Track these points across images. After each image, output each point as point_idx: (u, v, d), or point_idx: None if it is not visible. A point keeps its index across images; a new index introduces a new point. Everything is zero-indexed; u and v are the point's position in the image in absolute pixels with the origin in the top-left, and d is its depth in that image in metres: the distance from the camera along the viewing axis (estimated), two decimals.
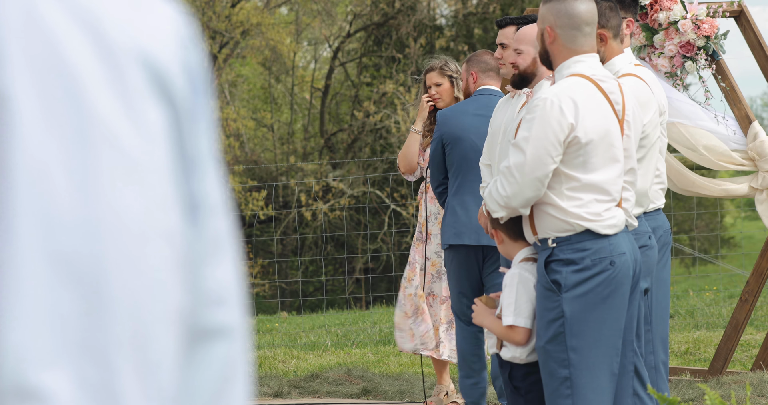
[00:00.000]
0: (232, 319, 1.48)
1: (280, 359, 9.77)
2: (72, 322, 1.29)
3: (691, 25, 7.56)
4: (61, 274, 1.29)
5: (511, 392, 5.05)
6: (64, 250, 1.29)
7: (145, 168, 1.35)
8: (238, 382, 1.49)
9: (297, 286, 17.53)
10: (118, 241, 1.32)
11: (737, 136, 7.75)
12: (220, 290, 1.48)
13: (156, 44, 1.39)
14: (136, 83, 1.36)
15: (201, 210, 1.46)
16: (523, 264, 5.00)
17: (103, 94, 1.33)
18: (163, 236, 1.37)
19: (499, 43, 6.51)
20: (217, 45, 26.39)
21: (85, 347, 1.30)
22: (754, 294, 8.02)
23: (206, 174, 1.46)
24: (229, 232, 1.50)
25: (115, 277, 1.32)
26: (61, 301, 1.29)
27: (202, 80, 1.47)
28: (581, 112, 4.83)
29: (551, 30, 4.95)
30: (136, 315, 1.33)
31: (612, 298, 4.87)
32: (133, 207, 1.33)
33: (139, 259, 1.34)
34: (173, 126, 1.40)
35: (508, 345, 4.99)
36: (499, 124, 6.45)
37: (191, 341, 1.45)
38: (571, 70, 4.93)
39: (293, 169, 26.47)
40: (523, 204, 4.83)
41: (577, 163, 4.85)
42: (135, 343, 1.33)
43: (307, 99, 29.19)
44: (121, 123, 1.34)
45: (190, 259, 1.44)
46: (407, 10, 25.95)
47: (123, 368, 1.32)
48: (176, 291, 1.38)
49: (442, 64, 7.66)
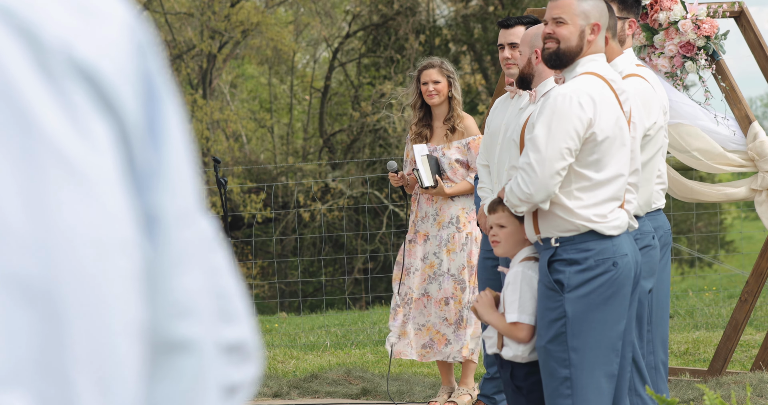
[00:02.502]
0: (197, 331, 1.44)
1: (279, 359, 9.76)
2: (28, 342, 1.27)
3: (691, 25, 7.56)
4: (13, 296, 1.26)
5: (512, 392, 5.05)
6: (16, 271, 1.26)
7: (94, 182, 1.32)
8: (207, 399, 1.45)
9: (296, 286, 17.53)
10: (70, 257, 1.30)
11: (737, 136, 7.75)
12: (184, 302, 1.44)
13: (100, 54, 1.34)
14: (78, 96, 1.32)
15: (161, 221, 1.41)
16: (525, 263, 5.00)
17: (46, 108, 1.29)
18: (118, 249, 1.34)
19: (509, 43, 6.51)
20: (216, 45, 26.38)
21: (43, 367, 1.27)
22: (754, 294, 8.02)
23: (168, 184, 1.42)
24: (201, 242, 1.46)
25: (70, 295, 1.29)
26: (16, 322, 1.26)
27: (161, 87, 1.42)
28: (598, 109, 4.84)
29: (598, 27, 4.96)
30: (93, 331, 1.31)
31: (614, 299, 4.87)
32: (84, 222, 1.30)
33: (93, 275, 1.31)
34: (120, 138, 1.36)
35: (510, 344, 4.99)
36: (498, 124, 6.44)
37: (154, 355, 1.42)
38: (585, 69, 4.94)
39: (292, 169, 26.47)
40: (545, 198, 4.83)
41: (591, 160, 4.85)
42: (94, 359, 1.31)
43: (306, 99, 29.19)
44: (67, 136, 1.30)
45: (151, 272, 1.41)
46: (406, 11, 25.95)
47: (83, 385, 1.30)
48: (135, 304, 1.35)
49: (441, 64, 7.79)
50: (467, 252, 7.63)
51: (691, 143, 7.69)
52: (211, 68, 26.94)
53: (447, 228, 7.65)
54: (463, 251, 7.63)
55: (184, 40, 26.73)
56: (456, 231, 7.64)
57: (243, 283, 1.52)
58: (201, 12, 25.87)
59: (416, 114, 7.82)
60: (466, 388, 7.78)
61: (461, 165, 7.62)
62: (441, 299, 7.65)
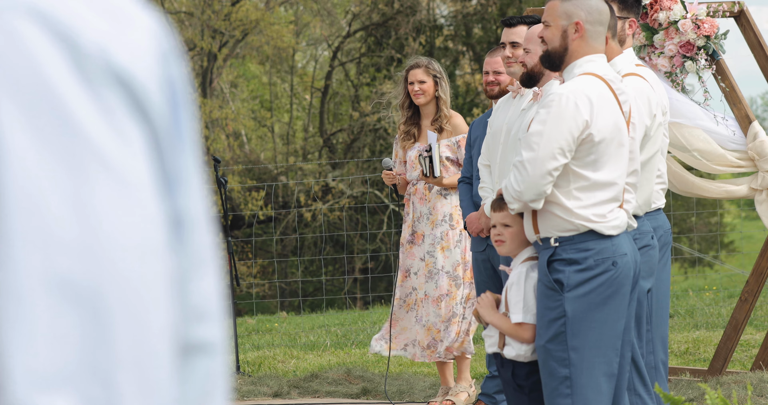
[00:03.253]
0: (213, 334, 1.49)
1: (279, 359, 9.76)
2: (74, 343, 1.29)
3: (691, 24, 7.56)
4: (60, 297, 1.28)
5: (513, 391, 5.04)
6: (62, 272, 1.29)
7: (134, 185, 1.34)
8: (217, 396, 1.49)
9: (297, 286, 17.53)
10: (114, 259, 1.32)
11: (737, 136, 7.75)
12: (202, 306, 1.48)
13: (133, 60, 1.37)
14: (115, 101, 1.34)
15: (185, 225, 1.45)
16: (528, 263, 5.00)
17: (87, 113, 1.32)
18: (155, 252, 1.36)
19: (510, 42, 6.52)
20: (216, 44, 26.38)
21: (88, 368, 1.29)
22: (754, 294, 8.02)
23: (189, 189, 1.45)
24: (212, 247, 1.50)
25: (113, 297, 1.31)
26: (63, 324, 1.28)
27: (183, 94, 1.45)
28: (596, 110, 4.83)
29: (581, 25, 4.95)
30: (136, 333, 1.33)
31: (613, 298, 4.87)
32: (126, 225, 1.33)
33: (135, 277, 1.33)
34: (152, 143, 1.39)
35: (512, 344, 4.98)
36: (500, 124, 6.44)
37: (178, 357, 1.45)
38: (583, 69, 4.93)
39: (292, 169, 26.47)
40: (534, 198, 4.83)
41: (588, 161, 4.85)
42: (136, 361, 1.33)
43: (306, 99, 29.18)
44: (108, 140, 1.32)
45: (177, 275, 1.44)
46: (406, 10, 25.95)
47: (126, 388, 1.32)
48: (169, 307, 1.38)
49: (428, 63, 7.88)
50: (461, 248, 7.66)
51: (692, 143, 7.69)
52: (211, 67, 26.94)
53: (440, 226, 7.68)
54: (457, 248, 7.66)
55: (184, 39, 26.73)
56: (449, 228, 7.67)
57: (226, 285, 1.54)
58: (201, 11, 25.87)
59: (404, 113, 7.89)
60: (463, 385, 7.78)
61: (451, 163, 7.64)
62: (438, 297, 7.67)
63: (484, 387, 7.31)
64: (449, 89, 7.89)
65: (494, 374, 7.21)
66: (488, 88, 7.17)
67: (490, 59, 7.16)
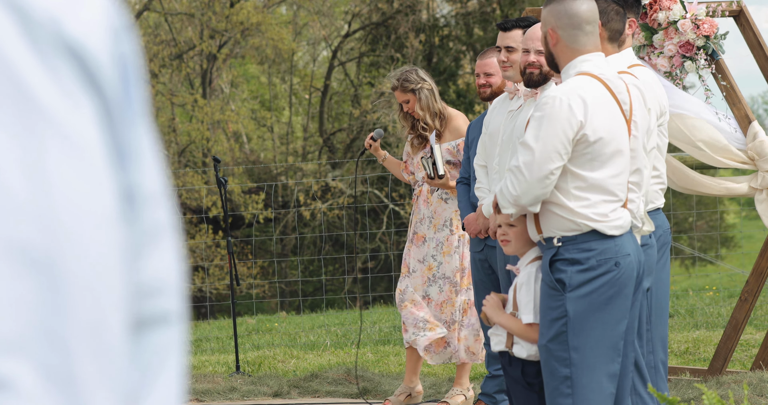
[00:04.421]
0: (169, 305, 1.48)
1: (279, 359, 9.76)
2: (30, 309, 1.28)
3: (690, 24, 7.56)
4: (16, 263, 1.28)
5: (523, 389, 5.03)
6: (18, 237, 1.28)
7: (88, 154, 1.34)
8: (172, 365, 1.49)
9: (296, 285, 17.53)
10: (70, 226, 1.31)
11: (738, 133, 7.74)
12: (157, 282, 1.47)
13: (85, 32, 1.37)
14: (66, 70, 1.34)
15: (137, 200, 1.45)
16: (537, 263, 5.00)
17: (39, 79, 1.32)
18: (109, 221, 1.36)
19: (505, 46, 6.47)
20: (216, 44, 26.37)
21: (44, 334, 1.29)
22: (754, 293, 8.02)
23: (142, 164, 1.45)
24: (168, 223, 1.49)
25: (69, 263, 1.31)
26: (19, 290, 1.28)
27: (134, 71, 1.45)
28: (590, 110, 4.83)
29: (553, 32, 4.96)
30: (91, 300, 1.33)
31: (615, 299, 4.87)
32: (80, 192, 1.33)
33: (90, 245, 1.33)
34: (103, 116, 1.39)
35: (522, 343, 4.97)
36: (497, 125, 6.44)
37: (132, 330, 1.45)
38: (579, 69, 4.93)
39: (292, 168, 26.46)
40: (532, 202, 4.83)
41: (585, 161, 4.85)
42: (92, 328, 1.33)
43: (306, 98, 29.18)
44: (59, 106, 1.32)
45: (128, 249, 1.43)
46: (406, 9, 25.94)
47: (81, 354, 1.32)
48: (122, 277, 1.38)
49: (402, 81, 7.80)
50: (459, 254, 7.66)
51: (696, 135, 7.68)
52: (211, 68, 26.94)
53: (441, 231, 7.68)
54: (456, 253, 7.66)
55: (184, 40, 26.73)
56: (449, 233, 7.67)
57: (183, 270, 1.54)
58: (201, 12, 25.86)
59: (406, 124, 7.88)
60: (460, 389, 7.77)
61: (452, 166, 7.63)
62: (442, 302, 7.67)
63: (484, 387, 7.31)
64: (435, 89, 7.82)
65: (494, 374, 7.21)
66: (480, 90, 7.19)
67: (480, 62, 7.17)
